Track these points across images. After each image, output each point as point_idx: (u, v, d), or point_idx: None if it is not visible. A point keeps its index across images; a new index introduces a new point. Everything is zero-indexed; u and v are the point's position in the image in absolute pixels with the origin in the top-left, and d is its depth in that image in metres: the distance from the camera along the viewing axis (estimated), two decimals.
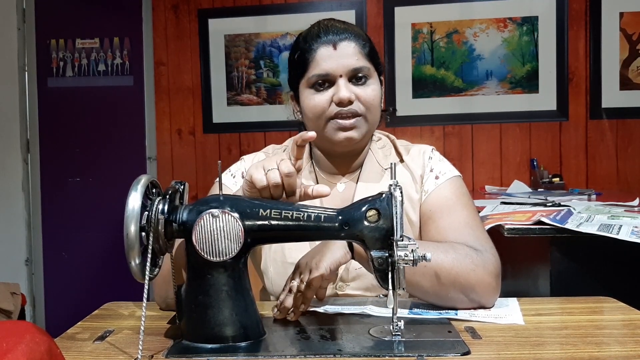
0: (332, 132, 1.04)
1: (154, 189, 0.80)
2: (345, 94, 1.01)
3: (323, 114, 1.03)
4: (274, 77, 2.95)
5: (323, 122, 1.04)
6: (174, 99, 3.03)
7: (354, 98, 1.02)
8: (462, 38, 2.82)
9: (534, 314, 0.92)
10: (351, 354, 0.75)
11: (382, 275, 0.79)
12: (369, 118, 1.05)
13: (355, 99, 1.02)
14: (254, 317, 0.82)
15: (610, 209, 1.70)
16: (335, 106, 1.02)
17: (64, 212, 3.07)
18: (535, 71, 2.78)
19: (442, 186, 1.07)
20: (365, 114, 1.03)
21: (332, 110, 1.02)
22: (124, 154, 3.04)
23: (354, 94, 1.02)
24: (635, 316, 0.90)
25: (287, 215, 0.79)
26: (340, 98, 1.01)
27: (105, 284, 2.99)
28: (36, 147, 3.08)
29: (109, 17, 3.04)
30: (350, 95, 1.01)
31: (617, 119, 2.74)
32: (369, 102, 1.03)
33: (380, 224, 0.79)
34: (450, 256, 0.92)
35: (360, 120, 1.03)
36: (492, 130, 2.82)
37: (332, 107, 1.02)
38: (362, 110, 1.03)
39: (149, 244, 0.75)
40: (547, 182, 2.56)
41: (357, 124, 1.03)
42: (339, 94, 1.01)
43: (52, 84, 3.07)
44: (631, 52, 2.72)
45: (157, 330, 0.88)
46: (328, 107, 1.03)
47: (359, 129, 1.03)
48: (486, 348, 0.77)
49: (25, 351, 0.54)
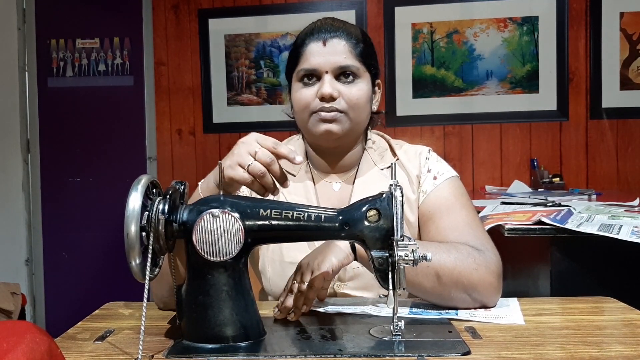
0: (314, 124, 1.05)
1: (154, 189, 0.80)
2: (327, 89, 1.02)
3: (307, 107, 1.05)
4: (274, 77, 2.95)
5: (307, 115, 1.06)
6: (174, 99, 3.03)
7: (337, 95, 1.03)
8: (463, 38, 2.82)
9: (534, 314, 0.92)
10: (351, 354, 0.75)
11: (382, 275, 0.79)
12: (352, 116, 1.05)
13: (339, 96, 1.03)
14: (254, 317, 0.82)
15: (611, 209, 1.70)
16: (319, 101, 1.04)
17: (64, 212, 3.07)
18: (535, 71, 2.77)
19: (440, 187, 1.08)
20: (347, 111, 1.04)
21: (316, 104, 1.04)
22: (124, 154, 3.04)
23: (338, 91, 1.03)
24: (635, 316, 0.90)
25: (288, 215, 0.79)
26: (322, 93, 1.02)
27: (105, 284, 2.99)
28: (36, 147, 3.08)
29: (109, 17, 3.04)
30: (333, 92, 1.02)
31: (617, 119, 2.73)
32: (352, 100, 1.04)
33: (380, 224, 0.79)
34: (452, 256, 0.92)
35: (342, 117, 1.04)
36: (492, 130, 2.82)
37: (316, 102, 1.04)
38: (345, 107, 1.04)
39: (150, 244, 0.75)
40: (547, 182, 2.56)
41: (337, 118, 1.04)
42: (321, 89, 1.03)
43: (52, 84, 3.07)
44: (631, 52, 2.72)
45: (158, 330, 0.88)
46: (312, 101, 1.04)
47: (339, 124, 1.04)
48: (486, 348, 0.77)
49: (25, 351, 0.54)
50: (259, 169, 0.82)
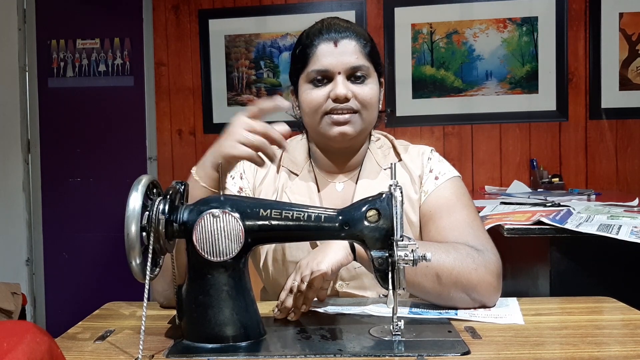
0: (327, 126, 1.05)
1: (154, 189, 0.80)
2: (342, 90, 1.02)
3: (319, 109, 1.04)
4: (274, 78, 2.95)
5: (319, 117, 1.05)
6: (175, 99, 3.03)
7: (351, 95, 1.03)
8: (462, 38, 2.82)
9: (533, 313, 0.92)
10: (351, 353, 0.75)
11: (382, 275, 0.79)
12: (365, 116, 1.05)
13: (352, 96, 1.03)
14: (254, 317, 0.82)
15: (610, 209, 1.70)
16: (332, 102, 1.03)
17: (65, 212, 3.07)
18: (534, 71, 2.78)
19: (442, 186, 1.08)
20: (360, 111, 1.04)
21: (328, 105, 1.04)
22: (125, 154, 3.04)
23: (351, 92, 1.03)
24: (635, 316, 0.90)
25: (288, 215, 0.80)
26: (337, 94, 1.02)
27: (105, 284, 2.99)
28: (37, 147, 3.08)
29: (109, 17, 3.04)
30: (347, 92, 1.02)
31: (616, 119, 2.74)
32: (365, 100, 1.04)
33: (380, 224, 0.79)
34: (451, 256, 0.93)
35: (355, 117, 1.04)
36: (492, 130, 2.82)
37: (328, 103, 1.04)
38: (358, 107, 1.04)
39: (150, 244, 0.75)
40: (547, 182, 2.56)
41: (351, 119, 1.04)
42: (335, 90, 1.02)
43: (52, 85, 3.07)
44: (631, 52, 2.72)
45: (158, 330, 0.88)
46: (324, 103, 1.04)
47: (353, 125, 1.04)
48: (486, 348, 0.77)
49: (25, 351, 0.54)
50: (260, 141, 0.85)
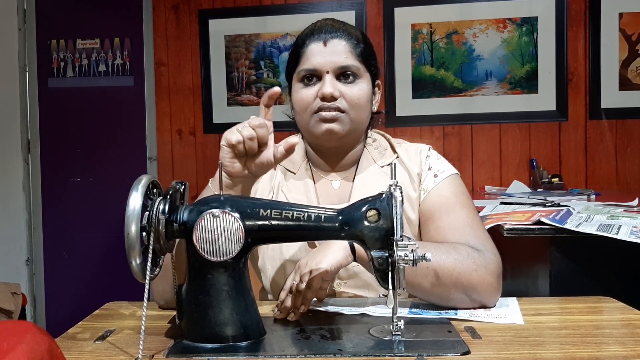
0: (315, 124, 1.06)
1: (154, 189, 0.80)
2: (328, 89, 1.03)
3: (308, 108, 1.06)
4: (274, 78, 2.95)
5: (308, 116, 1.06)
6: (175, 99, 3.03)
7: (338, 95, 1.04)
8: (462, 38, 2.82)
9: (533, 313, 0.92)
10: (351, 353, 0.75)
11: (382, 275, 0.79)
12: (353, 116, 1.06)
13: (340, 96, 1.04)
14: (254, 316, 0.82)
15: (610, 209, 1.70)
16: (320, 101, 1.04)
17: (65, 212, 3.07)
18: (534, 71, 2.78)
19: (441, 185, 1.08)
20: (348, 111, 1.05)
21: (317, 104, 1.05)
22: (125, 154, 3.04)
23: (339, 91, 1.04)
24: (634, 316, 0.90)
25: (288, 215, 0.80)
26: (323, 93, 1.03)
27: (105, 284, 2.99)
28: (37, 147, 3.08)
29: (109, 17, 3.04)
30: (334, 91, 1.03)
31: (616, 119, 2.74)
32: (353, 100, 1.05)
33: (380, 224, 0.79)
34: (451, 257, 0.93)
35: (342, 116, 1.05)
36: (492, 130, 2.82)
37: (316, 102, 1.05)
38: (346, 107, 1.05)
39: (150, 244, 0.75)
40: (547, 182, 2.56)
41: (338, 117, 1.04)
42: (322, 89, 1.03)
43: (52, 85, 3.07)
44: (630, 52, 2.72)
45: (158, 330, 0.88)
46: (313, 102, 1.05)
47: (340, 123, 1.05)
48: (486, 348, 0.77)
49: (26, 351, 0.54)
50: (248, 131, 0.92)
